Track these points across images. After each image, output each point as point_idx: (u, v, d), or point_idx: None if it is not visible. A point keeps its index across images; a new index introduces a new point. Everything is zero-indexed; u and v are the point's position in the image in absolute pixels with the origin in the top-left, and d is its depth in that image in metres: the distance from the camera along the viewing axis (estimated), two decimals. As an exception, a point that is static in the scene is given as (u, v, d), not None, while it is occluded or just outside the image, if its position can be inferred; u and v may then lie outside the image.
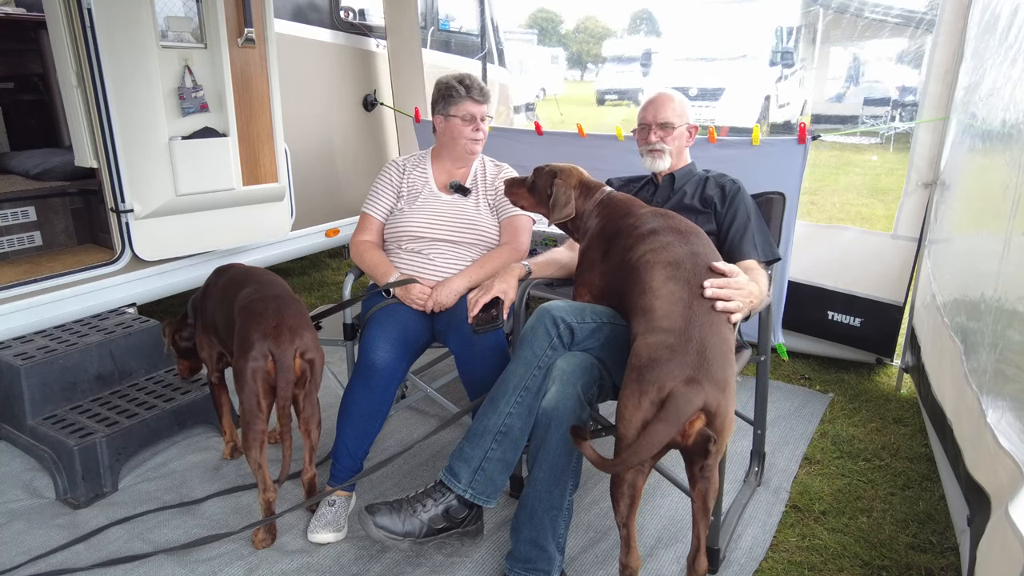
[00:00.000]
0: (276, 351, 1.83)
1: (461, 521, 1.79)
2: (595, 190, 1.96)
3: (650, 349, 1.45)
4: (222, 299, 2.11)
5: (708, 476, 1.51)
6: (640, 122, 2.19)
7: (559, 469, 1.67)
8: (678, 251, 1.63)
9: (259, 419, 1.85)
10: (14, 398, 2.34)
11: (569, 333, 1.77)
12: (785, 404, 2.76)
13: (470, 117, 2.27)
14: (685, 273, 1.57)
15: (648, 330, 1.50)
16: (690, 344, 1.43)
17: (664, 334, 1.46)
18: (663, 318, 1.50)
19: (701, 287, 1.54)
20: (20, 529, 2.02)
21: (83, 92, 2.68)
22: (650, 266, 1.61)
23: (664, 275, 1.58)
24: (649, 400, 1.40)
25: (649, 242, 1.67)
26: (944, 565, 1.87)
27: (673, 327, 1.47)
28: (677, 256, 1.62)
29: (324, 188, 4.11)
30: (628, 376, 1.46)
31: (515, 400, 1.74)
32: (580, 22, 34.11)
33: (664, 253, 1.63)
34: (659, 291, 1.55)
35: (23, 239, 3.11)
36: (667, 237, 1.68)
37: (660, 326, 1.48)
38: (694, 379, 1.38)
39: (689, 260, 1.61)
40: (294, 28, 3.83)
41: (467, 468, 1.75)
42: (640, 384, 1.42)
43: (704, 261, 1.62)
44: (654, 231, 1.70)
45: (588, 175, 2.02)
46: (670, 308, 1.51)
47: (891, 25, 4.83)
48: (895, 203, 2.96)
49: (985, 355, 1.66)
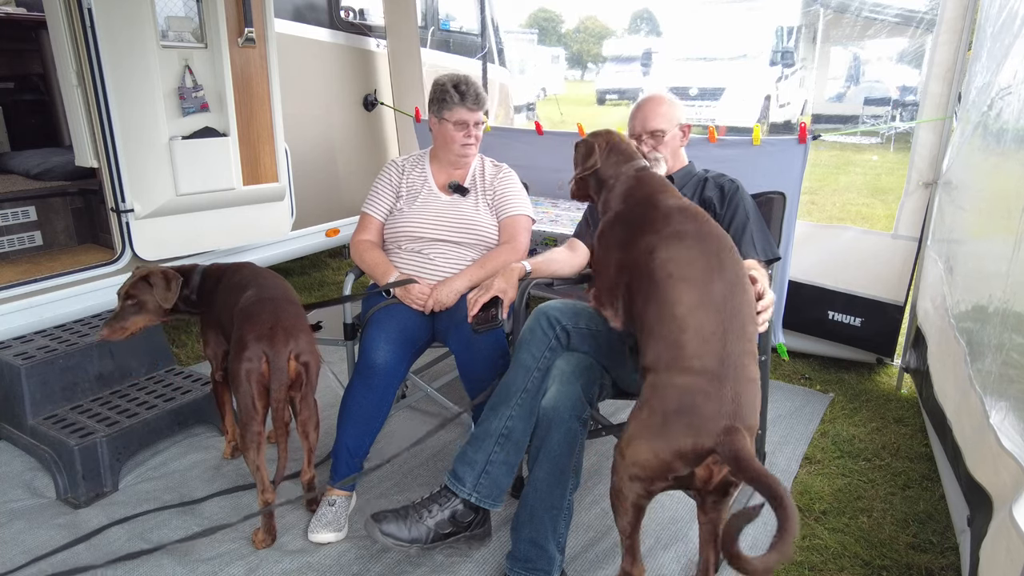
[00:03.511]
0: (271, 353, 1.83)
1: (468, 525, 1.79)
2: (627, 159, 1.78)
3: (680, 392, 1.31)
4: (229, 299, 2.11)
5: (721, 509, 1.44)
6: (630, 132, 2.13)
7: (559, 469, 1.67)
8: (707, 268, 1.45)
9: (256, 420, 1.85)
10: (14, 398, 2.34)
11: (565, 335, 1.77)
12: (785, 404, 2.76)
13: (462, 123, 2.25)
14: (716, 299, 1.40)
15: (675, 368, 1.35)
16: (725, 389, 1.29)
17: (695, 376, 1.32)
18: (694, 357, 1.34)
19: (733, 317, 1.38)
20: (20, 529, 2.03)
21: (83, 92, 2.68)
22: (674, 282, 1.43)
23: (692, 299, 1.40)
24: (677, 450, 1.29)
25: (673, 248, 1.49)
26: (944, 565, 1.87)
27: (706, 368, 1.32)
28: (706, 276, 1.43)
29: (324, 188, 4.10)
30: (648, 416, 1.35)
31: (515, 403, 1.75)
32: (580, 22, 34.11)
33: (691, 268, 1.45)
34: (686, 321, 1.38)
35: (23, 239, 3.11)
36: (694, 248, 1.49)
37: (691, 367, 1.33)
38: (733, 429, 1.26)
39: (721, 285, 1.42)
40: (294, 28, 3.83)
41: (471, 472, 1.75)
42: (665, 430, 1.30)
43: (737, 285, 1.44)
44: (679, 235, 1.52)
45: (627, 142, 1.86)
46: (701, 346, 1.34)
47: (891, 25, 4.82)
48: (895, 203, 2.96)
49: (991, 357, 1.65)
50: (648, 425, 1.34)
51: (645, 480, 1.36)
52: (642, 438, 1.34)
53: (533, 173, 2.80)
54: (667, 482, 1.35)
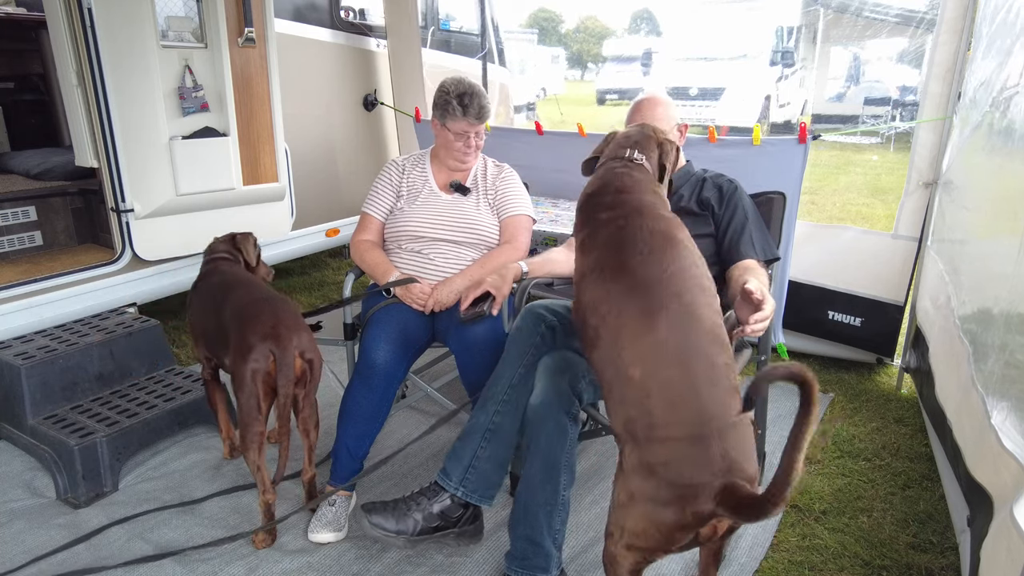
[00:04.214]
0: (277, 351, 1.83)
1: (456, 521, 1.80)
2: (621, 147, 1.63)
3: (664, 466, 1.21)
4: (210, 304, 2.11)
5: (724, 545, 1.39)
6: None
7: (550, 464, 1.67)
8: (645, 312, 1.28)
9: (258, 421, 1.86)
10: (15, 398, 2.34)
11: (551, 332, 1.78)
12: (785, 404, 2.76)
13: (463, 134, 2.25)
14: (670, 348, 1.24)
15: (652, 440, 1.23)
16: (712, 449, 1.18)
17: (675, 445, 1.21)
18: (668, 426, 1.22)
19: (694, 359, 1.24)
20: (20, 529, 2.02)
21: (83, 92, 2.68)
22: (613, 334, 1.28)
23: (642, 356, 1.26)
24: (677, 523, 1.20)
25: (595, 285, 1.35)
26: (944, 565, 1.87)
27: (685, 435, 1.20)
28: (646, 321, 1.27)
29: (324, 188, 4.11)
30: (639, 487, 1.25)
31: (502, 398, 1.77)
32: (580, 22, 34.19)
33: (624, 315, 1.28)
34: (647, 385, 1.24)
35: (23, 239, 3.11)
36: (620, 285, 1.32)
37: (667, 436, 1.22)
38: (731, 485, 1.17)
39: (667, 326, 1.26)
40: (294, 28, 3.83)
41: (459, 467, 1.77)
42: (660, 504, 1.21)
43: (687, 317, 1.28)
44: (601, 266, 1.35)
45: (643, 135, 1.68)
46: (673, 412, 1.22)
47: (891, 24, 4.82)
48: (895, 203, 2.96)
49: (994, 357, 1.64)
50: (641, 495, 1.24)
51: (644, 550, 1.28)
52: (637, 507, 1.25)
53: (533, 173, 2.80)
54: (669, 552, 1.27)
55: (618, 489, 1.31)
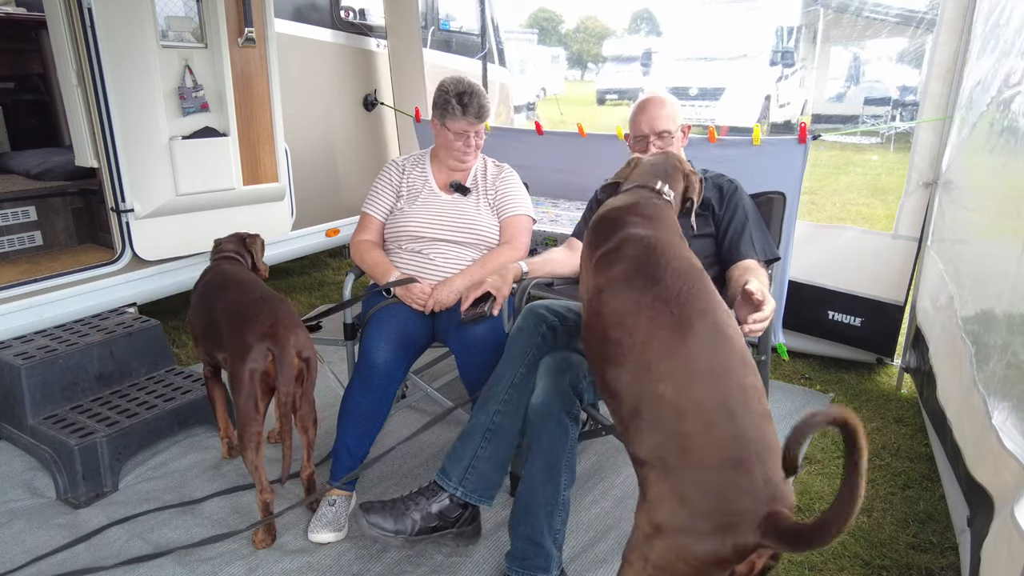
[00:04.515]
0: (276, 350, 1.83)
1: (455, 521, 1.80)
2: (649, 177, 1.64)
3: (702, 494, 1.12)
4: (202, 303, 2.11)
5: None
6: (636, 133, 2.10)
7: (551, 464, 1.67)
8: (675, 327, 1.24)
9: (255, 421, 1.86)
10: (15, 398, 2.34)
11: (552, 332, 1.78)
12: (786, 404, 2.76)
13: (463, 133, 2.25)
14: (702, 365, 1.20)
15: (687, 467, 1.15)
16: (754, 473, 1.09)
17: (715, 472, 1.12)
18: (707, 450, 1.14)
19: (726, 378, 1.19)
20: (20, 529, 2.02)
21: (83, 92, 2.68)
22: (640, 349, 1.23)
23: (674, 373, 1.20)
24: (715, 554, 1.10)
25: (622, 295, 1.31)
26: (944, 565, 1.87)
27: (726, 459, 1.12)
28: (677, 338, 1.23)
29: (324, 188, 4.11)
30: (670, 515, 1.15)
31: (503, 398, 1.76)
32: (580, 22, 34.22)
33: (654, 326, 1.24)
34: (681, 405, 1.18)
35: (23, 239, 3.11)
36: (647, 295, 1.28)
37: (705, 463, 1.14)
38: (776, 514, 1.08)
39: (697, 342, 1.22)
40: (294, 28, 3.83)
41: (458, 467, 1.77)
42: (697, 533, 1.11)
43: (716, 334, 1.25)
44: (627, 277, 1.32)
45: (670, 166, 1.70)
46: (710, 435, 1.14)
47: (891, 24, 4.83)
48: (895, 203, 2.96)
49: (996, 357, 1.64)
50: (671, 526, 1.14)
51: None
52: (665, 539, 1.15)
53: (533, 173, 2.80)
54: None
55: (641, 521, 1.21)
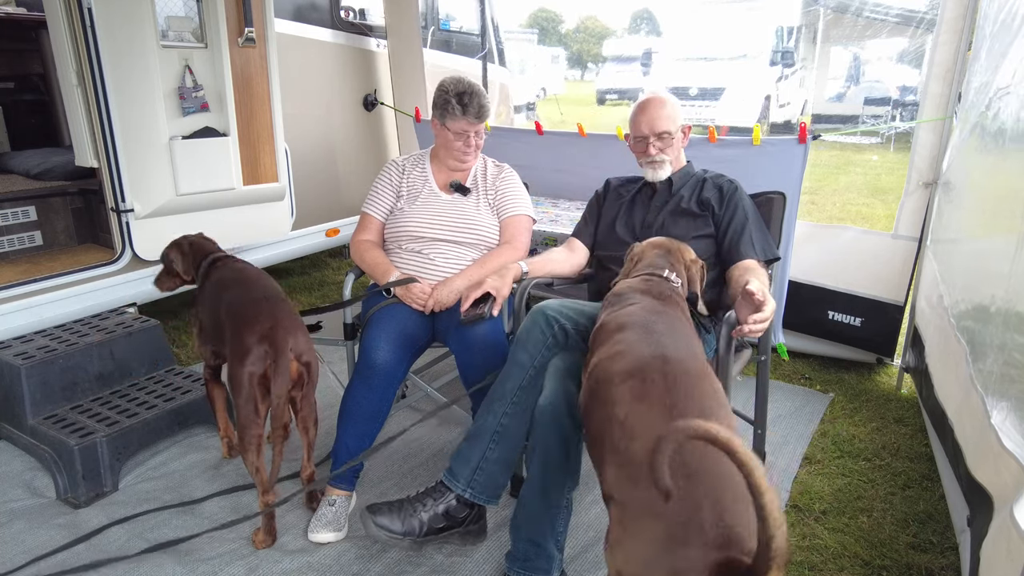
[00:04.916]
0: (273, 354, 1.83)
1: (462, 521, 1.79)
2: (655, 267, 1.72)
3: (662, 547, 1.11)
4: (210, 299, 2.11)
5: None
6: (636, 133, 2.11)
7: (556, 467, 1.67)
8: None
9: (256, 423, 1.85)
10: (14, 398, 2.34)
11: (563, 334, 1.78)
12: (786, 404, 2.76)
13: (463, 133, 2.25)
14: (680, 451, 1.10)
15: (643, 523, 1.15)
16: (703, 514, 1.08)
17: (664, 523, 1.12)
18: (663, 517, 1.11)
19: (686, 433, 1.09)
20: (20, 529, 2.02)
21: (83, 92, 2.68)
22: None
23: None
24: None
25: (626, 400, 1.30)
26: (944, 565, 1.87)
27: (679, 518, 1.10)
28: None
29: (324, 188, 4.11)
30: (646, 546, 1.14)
31: (511, 400, 1.75)
32: (580, 22, 34.24)
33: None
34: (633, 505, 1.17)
35: (23, 239, 3.11)
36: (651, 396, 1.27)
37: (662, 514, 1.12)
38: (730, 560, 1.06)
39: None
40: (294, 28, 3.83)
41: (466, 468, 1.76)
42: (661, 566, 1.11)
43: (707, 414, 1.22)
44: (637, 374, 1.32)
45: (673, 257, 1.76)
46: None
47: (891, 25, 4.83)
48: (895, 203, 2.96)
49: (992, 357, 1.64)
50: (629, 572, 1.16)
51: None
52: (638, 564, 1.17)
53: (533, 173, 2.80)
54: None
55: (608, 563, 1.23)
